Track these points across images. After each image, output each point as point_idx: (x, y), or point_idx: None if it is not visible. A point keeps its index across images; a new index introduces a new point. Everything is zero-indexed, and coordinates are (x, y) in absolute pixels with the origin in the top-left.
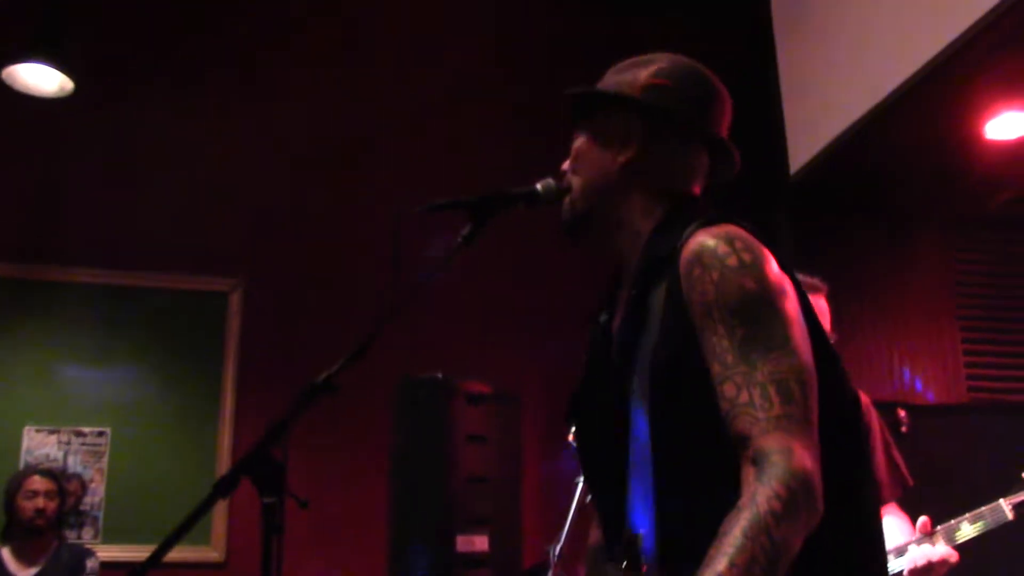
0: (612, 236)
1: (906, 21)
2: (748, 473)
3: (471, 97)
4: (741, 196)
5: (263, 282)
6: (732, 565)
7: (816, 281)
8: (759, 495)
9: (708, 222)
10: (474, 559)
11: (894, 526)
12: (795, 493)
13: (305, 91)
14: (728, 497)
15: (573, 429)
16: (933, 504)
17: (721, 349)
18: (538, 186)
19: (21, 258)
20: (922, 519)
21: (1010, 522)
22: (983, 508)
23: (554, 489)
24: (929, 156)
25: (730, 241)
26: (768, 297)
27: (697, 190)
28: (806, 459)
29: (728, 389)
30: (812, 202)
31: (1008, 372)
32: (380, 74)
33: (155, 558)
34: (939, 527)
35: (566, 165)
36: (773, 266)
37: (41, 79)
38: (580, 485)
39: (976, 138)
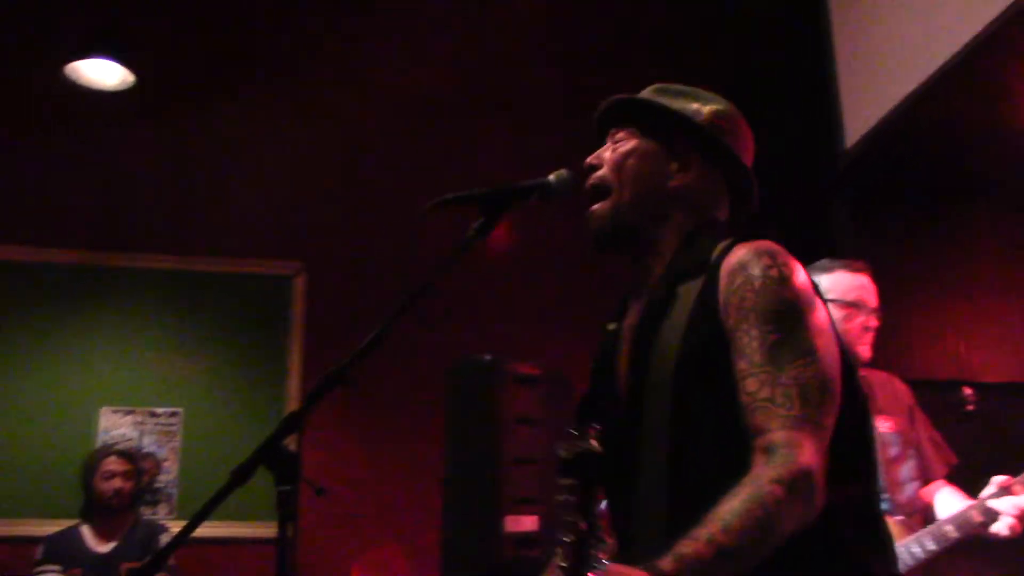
0: (642, 249)
1: None
2: (758, 461)
3: (524, 83)
4: (795, 172)
5: (326, 265)
6: (726, 530)
7: (859, 264)
8: (763, 477)
9: (746, 237)
10: (523, 539)
11: (949, 496)
12: (797, 483)
13: (365, 78)
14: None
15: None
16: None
17: (751, 349)
18: (551, 178)
19: (95, 246)
20: (1000, 477)
21: None
22: None
23: None
24: (993, 125)
25: (772, 255)
26: (802, 309)
27: (722, 216)
28: (813, 458)
29: (751, 384)
30: (869, 176)
31: None
32: (438, 59)
33: (180, 540)
34: (1017, 478)
35: (596, 160)
36: (806, 280)
37: (103, 74)
38: None
39: None
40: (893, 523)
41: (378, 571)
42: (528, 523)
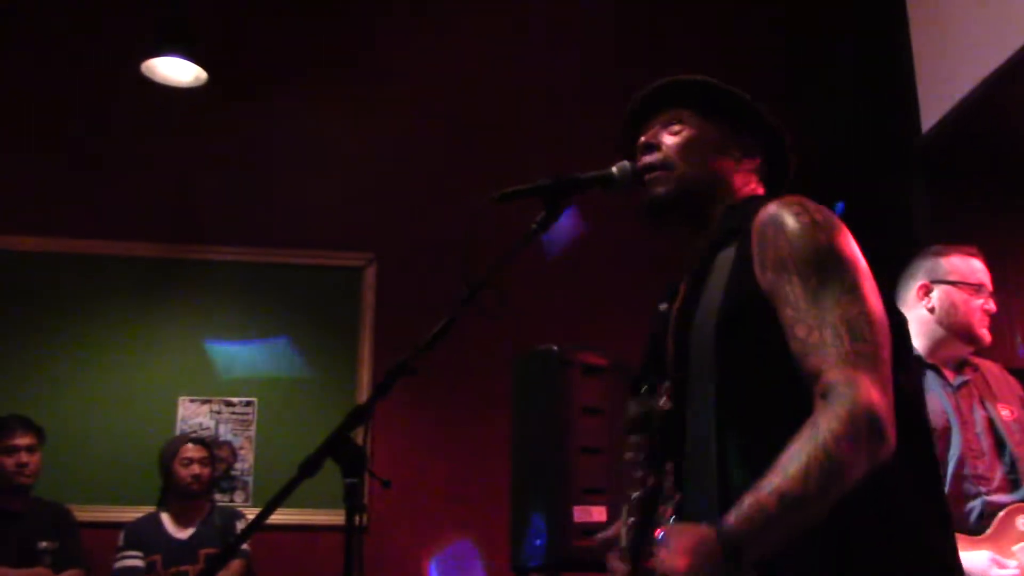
0: (695, 226)
1: None
2: (817, 405)
3: (597, 76)
4: (870, 158)
5: (396, 256)
6: (788, 477)
7: (972, 248)
8: (821, 419)
9: (779, 196)
10: (591, 529)
11: None
12: (859, 421)
13: (434, 69)
14: (791, 435)
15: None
16: None
17: (795, 296)
18: (614, 169)
19: (172, 239)
20: None
21: None
22: None
23: None
24: None
25: (801, 204)
26: (839, 250)
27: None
28: (873, 392)
29: (800, 330)
30: (947, 162)
31: None
32: (511, 52)
33: (252, 528)
34: None
35: (654, 139)
36: (841, 226)
37: (177, 71)
38: None
39: None
40: None
41: (450, 561)
42: (596, 513)
